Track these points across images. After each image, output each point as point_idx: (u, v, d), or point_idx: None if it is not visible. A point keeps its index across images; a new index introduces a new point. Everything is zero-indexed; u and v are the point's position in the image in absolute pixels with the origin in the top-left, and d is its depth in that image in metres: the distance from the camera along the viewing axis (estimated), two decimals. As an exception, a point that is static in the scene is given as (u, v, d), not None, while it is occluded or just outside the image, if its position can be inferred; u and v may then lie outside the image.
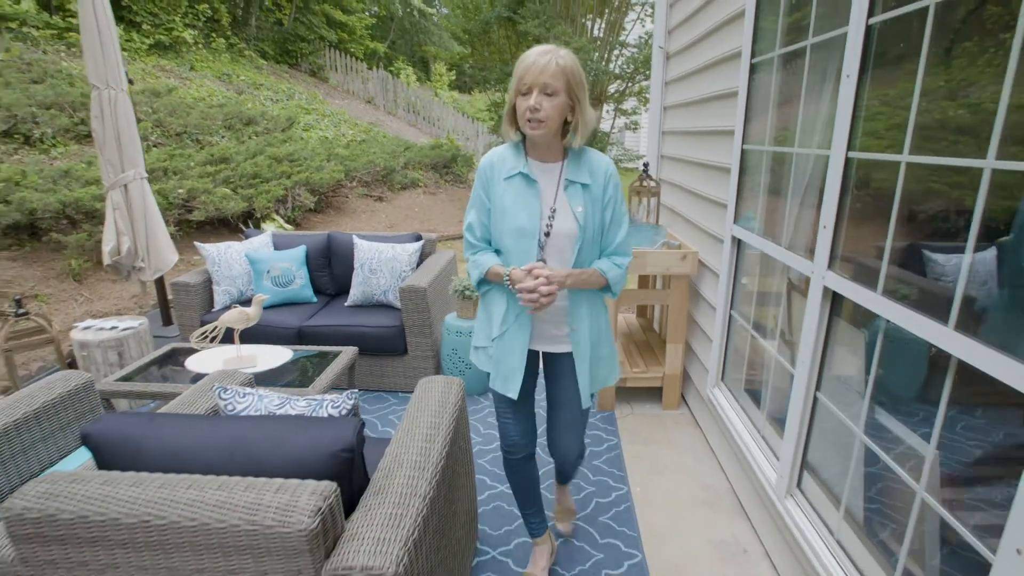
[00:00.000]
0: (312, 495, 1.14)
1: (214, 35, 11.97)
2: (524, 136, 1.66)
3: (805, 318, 1.79)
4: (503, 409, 1.87)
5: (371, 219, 7.70)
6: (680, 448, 2.82)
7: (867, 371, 1.55)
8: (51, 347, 3.30)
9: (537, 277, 1.58)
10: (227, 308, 3.38)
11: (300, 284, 3.53)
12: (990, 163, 1.10)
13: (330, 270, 3.74)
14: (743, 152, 2.37)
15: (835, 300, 1.69)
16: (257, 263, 3.44)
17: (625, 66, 9.99)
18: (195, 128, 7.08)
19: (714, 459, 2.73)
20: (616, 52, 10.06)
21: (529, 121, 1.55)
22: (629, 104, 11.08)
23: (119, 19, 9.74)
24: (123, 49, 9.40)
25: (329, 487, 1.17)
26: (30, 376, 3.42)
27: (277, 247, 3.68)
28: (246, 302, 3.47)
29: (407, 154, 9.68)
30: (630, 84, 10.31)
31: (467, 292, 3.23)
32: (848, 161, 1.58)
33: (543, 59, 1.53)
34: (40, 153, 5.66)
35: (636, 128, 11.59)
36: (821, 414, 1.81)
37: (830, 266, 1.67)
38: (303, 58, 15.11)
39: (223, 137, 7.53)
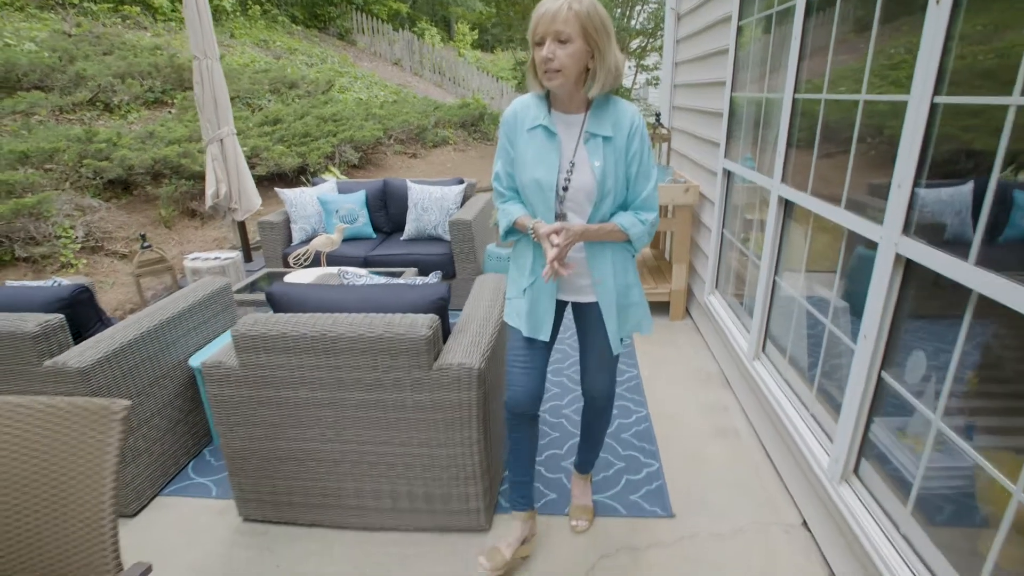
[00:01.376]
0: (425, 319, 1.80)
1: (250, 2, 12.48)
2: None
3: (871, 289, 1.61)
4: (519, 358, 1.78)
5: (407, 173, 8.32)
6: (681, 346, 3.46)
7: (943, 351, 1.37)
8: (168, 274, 4.04)
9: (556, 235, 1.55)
10: (304, 242, 4.07)
11: (362, 222, 4.19)
12: None
13: (386, 210, 4.39)
14: (731, 99, 2.92)
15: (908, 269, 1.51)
16: (327, 204, 4.10)
17: (647, 22, 10.25)
18: (246, 92, 7.72)
19: (708, 351, 3.36)
20: (639, 8, 10.32)
21: (545, 72, 1.50)
22: (652, 60, 11.33)
23: (164, -10, 10.31)
24: (169, 20, 10.01)
25: (434, 318, 1.83)
26: (156, 295, 4.18)
27: (341, 191, 4.34)
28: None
29: (437, 113, 10.20)
30: (651, 40, 10.56)
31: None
32: (933, 108, 1.37)
33: (554, 6, 1.46)
34: (119, 119, 6.37)
35: (657, 83, 11.87)
36: (884, 395, 1.66)
37: (905, 230, 1.48)
38: (331, 22, 15.51)
39: (269, 100, 8.16)
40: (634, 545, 2.01)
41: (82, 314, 2.31)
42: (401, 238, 4.19)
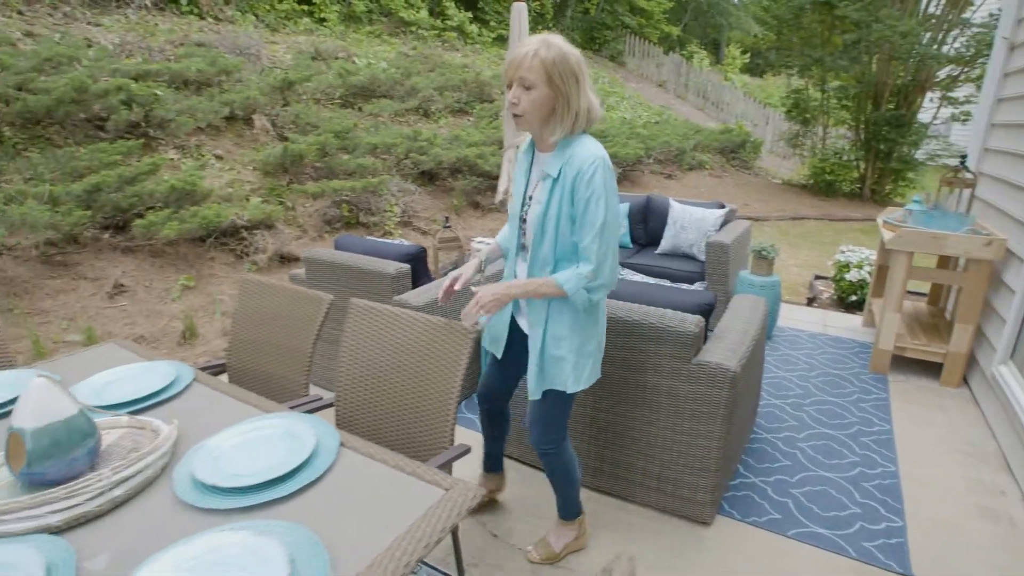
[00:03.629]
0: (694, 318, 2.06)
1: (539, 27, 13.97)
2: None
3: None
4: (489, 362, 2.04)
5: (661, 193, 8.58)
6: (951, 413, 3.12)
7: None
8: (458, 251, 4.94)
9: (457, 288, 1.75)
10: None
11: (622, 232, 4.58)
12: None
13: (645, 224, 4.72)
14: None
15: None
16: (594, 212, 4.58)
17: (964, 48, 8.89)
18: (529, 107, 8.78)
19: (986, 427, 2.98)
20: (956, 32, 9.00)
21: (512, 116, 1.57)
22: (962, 92, 9.78)
23: (475, 18, 12.16)
24: (475, 43, 11.77)
25: (700, 319, 2.08)
26: (444, 267, 5.15)
27: (607, 202, 4.78)
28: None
29: (697, 137, 10.26)
30: (967, 70, 9.12)
31: (763, 253, 3.89)
32: None
33: (522, 52, 1.50)
34: (433, 123, 7.81)
35: (966, 119, 10.17)
36: None
37: None
38: (605, 44, 16.49)
39: (546, 115, 9.14)
40: (863, 584, 2.00)
41: (417, 268, 3.07)
42: (656, 251, 4.47)
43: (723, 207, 4.41)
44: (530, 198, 1.69)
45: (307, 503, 1.20)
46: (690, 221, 4.26)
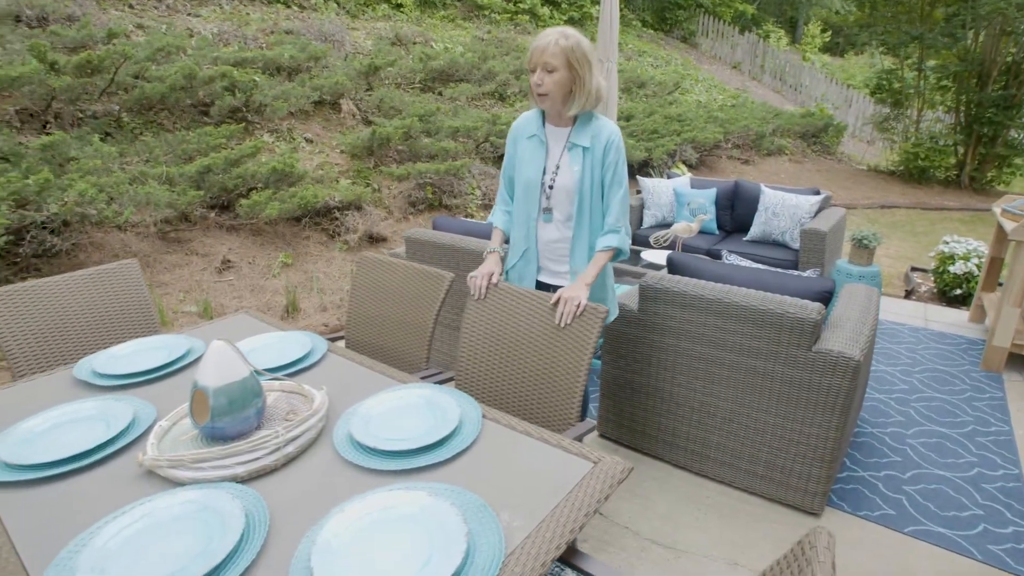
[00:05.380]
0: (815, 305, 2.00)
1: (611, 8, 13.67)
2: None
3: None
4: None
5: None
6: (1079, 417, 2.90)
7: None
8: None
9: (566, 301, 1.76)
10: (655, 226, 4.54)
11: (709, 218, 4.47)
12: None
13: (732, 210, 4.59)
14: None
15: None
16: (680, 196, 4.49)
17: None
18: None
19: (1123, 434, 2.76)
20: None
21: (537, 95, 1.85)
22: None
23: (547, 0, 12.03)
24: (545, 25, 11.66)
25: (822, 306, 2.02)
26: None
27: (694, 187, 4.68)
28: (666, 224, 4.58)
29: (776, 120, 9.84)
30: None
31: (864, 241, 3.71)
32: None
33: (546, 40, 1.78)
34: (508, 107, 7.82)
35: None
36: None
37: None
38: (677, 25, 15.97)
39: (620, 98, 8.98)
40: (992, 588, 1.91)
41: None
42: (744, 239, 4.35)
43: (818, 193, 4.23)
44: (556, 167, 1.94)
45: (460, 470, 1.25)
46: (783, 208, 4.11)
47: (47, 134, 3.87)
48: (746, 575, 1.94)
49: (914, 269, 5.34)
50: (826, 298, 2.10)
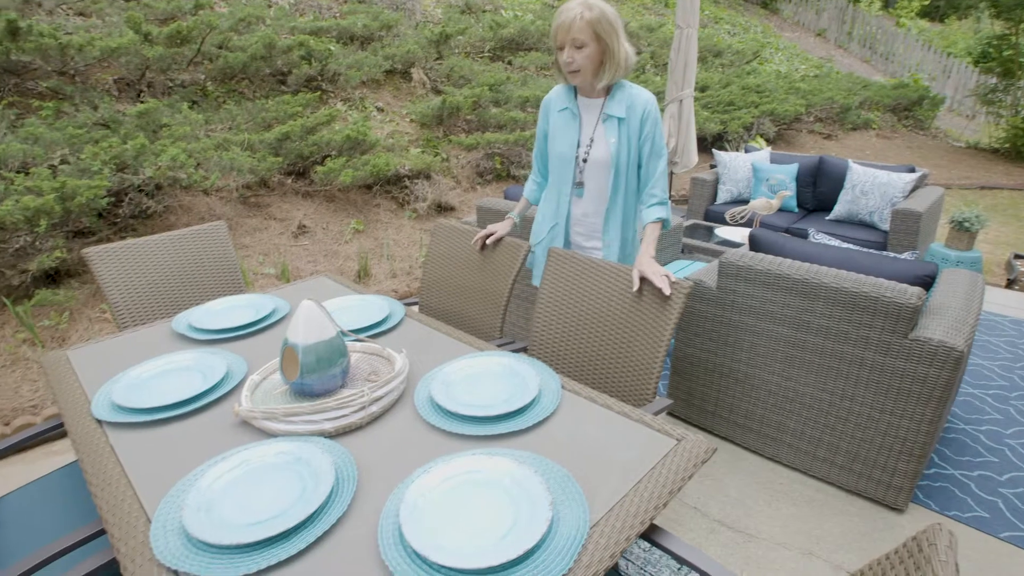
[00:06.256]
0: (915, 290, 1.86)
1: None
2: None
3: None
4: None
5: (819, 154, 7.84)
6: None
7: None
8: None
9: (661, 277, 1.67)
10: (729, 202, 4.35)
11: (790, 194, 4.24)
12: None
13: (814, 187, 4.34)
14: None
15: None
16: (759, 171, 4.28)
17: None
18: (677, 60, 8.29)
19: None
20: None
21: (568, 73, 1.80)
22: None
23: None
24: (619, -10, 11.23)
25: (922, 291, 1.88)
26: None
27: (773, 162, 4.44)
28: (741, 201, 4.38)
29: (865, 92, 9.18)
30: None
31: (965, 224, 3.43)
32: None
33: (569, 17, 1.71)
34: (576, 76, 7.63)
35: None
36: None
37: None
38: (757, -11, 15.04)
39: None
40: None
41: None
42: (826, 218, 4.11)
43: (913, 171, 3.93)
44: (591, 139, 1.91)
45: (541, 440, 1.25)
46: (873, 186, 3.84)
47: (141, 102, 4.08)
48: (822, 566, 1.88)
49: (1017, 256, 4.90)
50: (927, 283, 1.95)
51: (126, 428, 1.32)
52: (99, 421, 1.34)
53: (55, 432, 1.99)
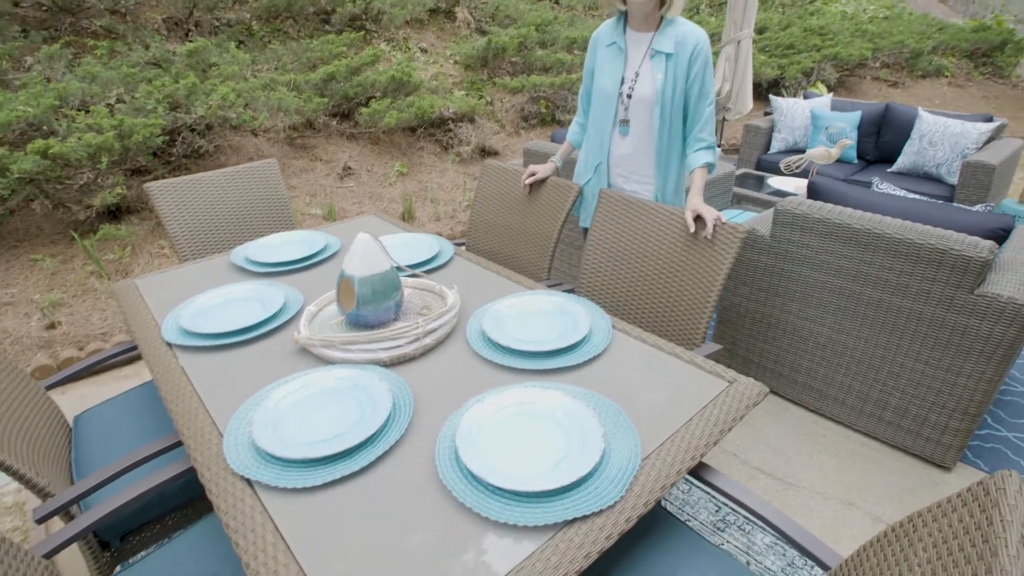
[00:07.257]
0: (987, 243, 1.76)
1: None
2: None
3: None
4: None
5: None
6: None
7: None
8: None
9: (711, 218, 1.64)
10: (784, 151, 4.17)
11: (851, 143, 4.03)
12: None
13: (877, 137, 4.10)
14: None
15: None
16: (819, 119, 4.06)
17: None
18: (734, -1, 7.80)
19: None
20: None
21: None
22: None
23: None
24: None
25: (994, 244, 1.78)
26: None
27: (834, 109, 4.20)
28: (797, 150, 4.19)
29: (939, 36, 8.50)
30: None
31: (1043, 177, 3.20)
32: None
33: None
34: (626, 17, 7.29)
35: None
36: None
37: None
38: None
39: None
40: None
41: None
42: (888, 170, 3.90)
43: (991, 120, 3.67)
44: (636, 75, 1.84)
45: (592, 377, 1.26)
46: (943, 136, 3.61)
47: (190, 41, 4.10)
48: (861, 516, 1.88)
49: (1096, 216, 4.59)
50: (1001, 237, 1.85)
51: (194, 351, 1.39)
52: (169, 344, 1.42)
53: (124, 356, 2.12)
